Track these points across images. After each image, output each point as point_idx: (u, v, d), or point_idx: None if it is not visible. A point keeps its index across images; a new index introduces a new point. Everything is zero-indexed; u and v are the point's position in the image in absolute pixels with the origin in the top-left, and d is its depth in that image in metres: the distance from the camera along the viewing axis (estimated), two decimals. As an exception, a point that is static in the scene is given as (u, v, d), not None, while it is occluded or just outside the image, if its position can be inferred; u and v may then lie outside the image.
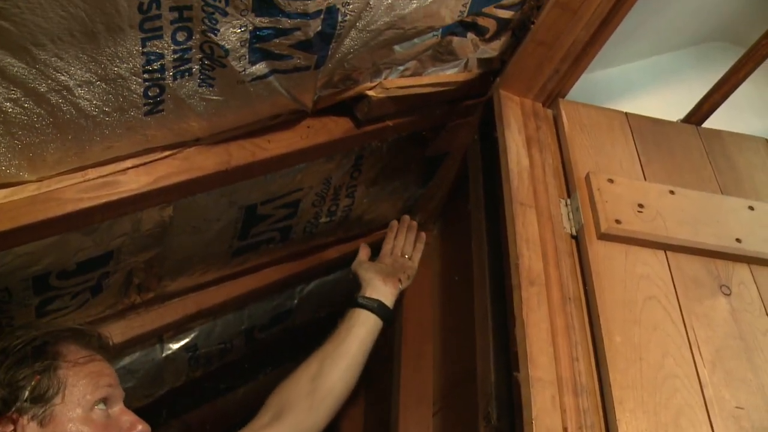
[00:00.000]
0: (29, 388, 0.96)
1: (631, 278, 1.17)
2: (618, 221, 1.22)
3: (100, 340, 1.10)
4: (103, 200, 1.14)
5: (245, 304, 2.01)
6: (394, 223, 1.75)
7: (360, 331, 1.42)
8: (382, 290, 1.51)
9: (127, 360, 1.81)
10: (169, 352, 1.90)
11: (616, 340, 1.07)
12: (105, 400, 1.01)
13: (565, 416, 0.98)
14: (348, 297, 1.55)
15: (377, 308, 1.47)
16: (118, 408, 1.04)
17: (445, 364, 1.74)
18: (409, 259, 1.68)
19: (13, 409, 0.95)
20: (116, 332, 1.64)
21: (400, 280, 1.56)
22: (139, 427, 1.03)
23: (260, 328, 2.14)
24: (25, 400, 0.96)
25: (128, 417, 1.04)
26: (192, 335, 1.94)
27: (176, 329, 1.86)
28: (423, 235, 1.73)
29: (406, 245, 1.70)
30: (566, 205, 1.31)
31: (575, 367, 1.04)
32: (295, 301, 2.18)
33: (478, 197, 1.53)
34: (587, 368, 1.06)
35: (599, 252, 1.20)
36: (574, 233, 1.26)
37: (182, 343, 1.92)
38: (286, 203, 1.65)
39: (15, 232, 1.07)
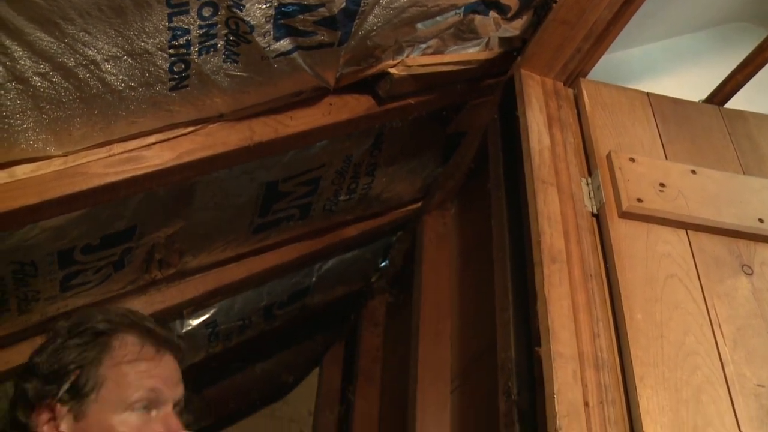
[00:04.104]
0: (70, 381, 0.96)
1: (652, 257, 1.17)
2: (639, 200, 1.22)
3: (165, 336, 1.08)
4: (128, 175, 1.15)
5: (264, 280, 2.03)
6: None
7: None
8: None
9: (147, 335, 1.83)
10: (189, 327, 1.93)
11: (638, 317, 1.08)
12: (144, 403, 0.99)
13: (586, 390, 0.98)
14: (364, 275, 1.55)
15: None
16: (162, 411, 1.01)
17: (463, 340, 1.75)
18: None
19: (55, 398, 0.96)
20: (137, 308, 1.66)
21: None
22: None
23: (279, 305, 2.16)
24: (66, 391, 0.96)
25: (167, 424, 1.00)
26: (212, 311, 1.96)
27: (196, 305, 1.88)
28: None
29: None
30: (587, 183, 1.30)
31: (596, 342, 1.05)
32: (314, 279, 2.20)
33: (498, 176, 1.53)
34: (608, 344, 1.06)
35: (620, 230, 1.20)
36: (595, 211, 1.26)
37: (202, 319, 1.95)
38: (306, 180, 1.66)
39: (42, 206, 1.08)
